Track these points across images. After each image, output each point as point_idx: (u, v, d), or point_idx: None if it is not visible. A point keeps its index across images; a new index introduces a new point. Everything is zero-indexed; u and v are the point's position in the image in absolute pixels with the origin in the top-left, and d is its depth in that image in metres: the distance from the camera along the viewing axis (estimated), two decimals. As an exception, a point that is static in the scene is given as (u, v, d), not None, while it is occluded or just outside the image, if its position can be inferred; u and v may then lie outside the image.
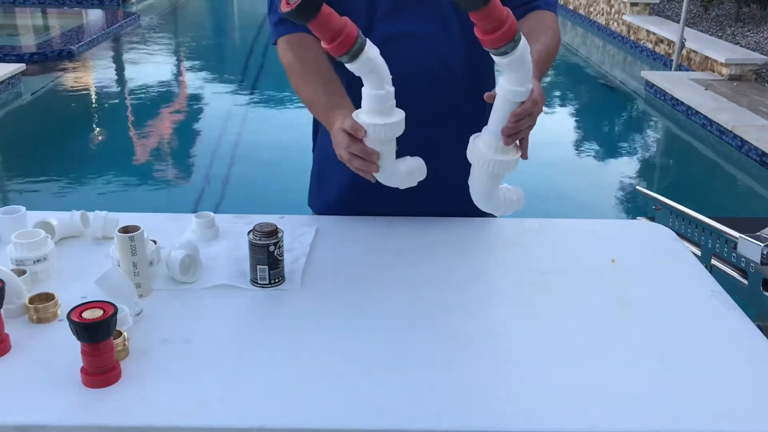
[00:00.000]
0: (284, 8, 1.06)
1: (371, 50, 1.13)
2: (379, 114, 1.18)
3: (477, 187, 1.29)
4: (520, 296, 1.30)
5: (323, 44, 1.11)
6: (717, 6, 8.91)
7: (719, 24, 8.55)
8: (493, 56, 1.11)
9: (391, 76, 1.17)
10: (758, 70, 6.60)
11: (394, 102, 1.20)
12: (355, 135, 1.20)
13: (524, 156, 1.24)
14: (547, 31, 1.38)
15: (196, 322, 1.19)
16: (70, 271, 1.34)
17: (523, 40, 1.09)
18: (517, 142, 1.23)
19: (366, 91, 1.18)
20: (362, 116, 1.20)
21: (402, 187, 1.29)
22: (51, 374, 1.04)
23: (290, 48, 1.40)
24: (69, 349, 1.05)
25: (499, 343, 1.16)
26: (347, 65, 1.14)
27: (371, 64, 1.14)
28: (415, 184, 1.30)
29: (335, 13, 1.09)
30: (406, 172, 1.28)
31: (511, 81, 1.15)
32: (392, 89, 1.18)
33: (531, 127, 1.21)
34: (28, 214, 1.45)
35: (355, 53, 1.11)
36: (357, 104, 1.23)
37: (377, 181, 1.29)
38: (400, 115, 1.21)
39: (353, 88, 1.24)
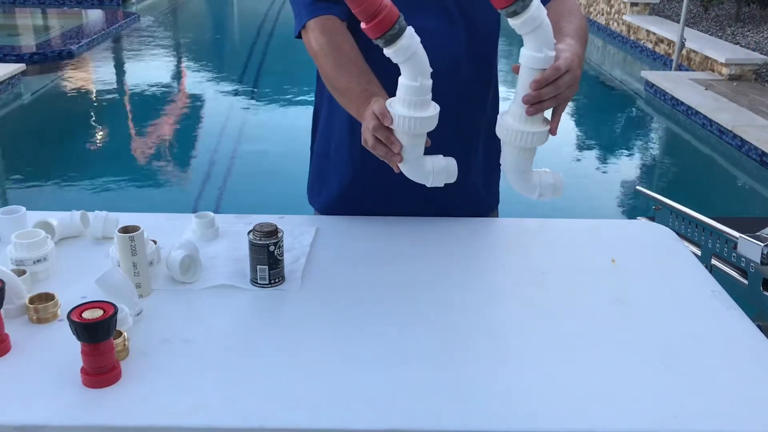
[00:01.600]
0: None
1: (410, 39, 1.11)
2: (410, 106, 1.16)
3: (507, 163, 1.24)
4: (520, 296, 1.30)
5: (362, 24, 1.09)
6: (717, 6, 8.91)
7: (719, 24, 8.55)
8: (509, 22, 1.09)
9: (430, 70, 1.15)
10: (758, 70, 6.60)
11: (429, 96, 1.17)
12: (382, 120, 1.18)
13: (553, 131, 1.20)
14: (574, 13, 1.37)
15: (196, 322, 1.19)
16: (70, 271, 1.34)
17: (537, 3, 1.07)
18: (548, 116, 1.20)
19: (401, 80, 1.16)
20: (394, 104, 1.18)
21: (428, 184, 1.25)
22: (51, 374, 1.04)
23: (324, 32, 1.36)
24: (69, 349, 1.05)
25: (499, 342, 1.16)
26: (384, 50, 1.12)
27: (407, 52, 1.11)
28: (441, 184, 1.26)
29: None
30: (430, 171, 1.24)
31: (529, 46, 1.12)
32: (429, 82, 1.15)
33: (557, 99, 1.16)
34: (28, 214, 1.45)
35: (391, 38, 1.09)
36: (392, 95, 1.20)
37: (381, 177, 1.27)
38: (433, 110, 1.18)
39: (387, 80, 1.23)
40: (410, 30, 1.11)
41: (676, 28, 7.10)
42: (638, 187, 2.98)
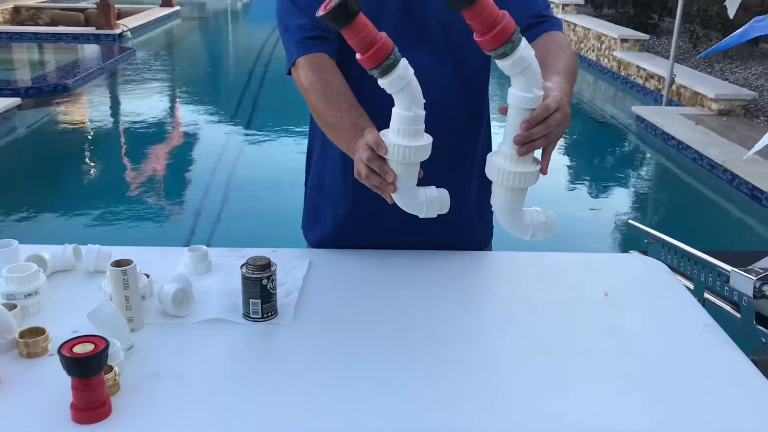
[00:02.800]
0: (320, 12, 1.07)
1: (404, 69, 1.13)
2: (404, 135, 1.17)
3: (498, 204, 1.23)
4: (513, 329, 1.30)
5: (357, 55, 1.11)
6: (705, 43, 9.05)
7: (708, 60, 8.68)
8: (497, 63, 1.10)
9: (423, 101, 1.17)
10: (747, 105, 6.68)
11: (422, 126, 1.18)
12: (376, 150, 1.19)
13: (543, 170, 1.20)
14: (563, 48, 1.38)
15: (188, 357, 1.18)
16: (61, 304, 1.33)
17: (524, 43, 1.08)
18: (538, 156, 1.20)
19: (395, 110, 1.17)
20: (388, 134, 1.19)
21: (421, 215, 1.26)
22: (40, 410, 1.03)
23: (313, 69, 1.37)
24: (59, 385, 1.04)
25: (493, 375, 1.16)
26: (379, 81, 1.14)
27: (402, 82, 1.13)
28: (434, 215, 1.26)
29: (372, 24, 1.10)
30: (423, 201, 1.24)
31: (518, 86, 1.13)
32: (422, 113, 1.17)
33: (548, 138, 1.16)
34: (20, 247, 1.44)
35: (387, 69, 1.11)
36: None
37: (375, 211, 1.27)
38: (426, 140, 1.19)
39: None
40: (404, 61, 1.13)
41: (666, 64, 7.20)
42: (630, 221, 2.99)
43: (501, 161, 1.18)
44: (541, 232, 1.26)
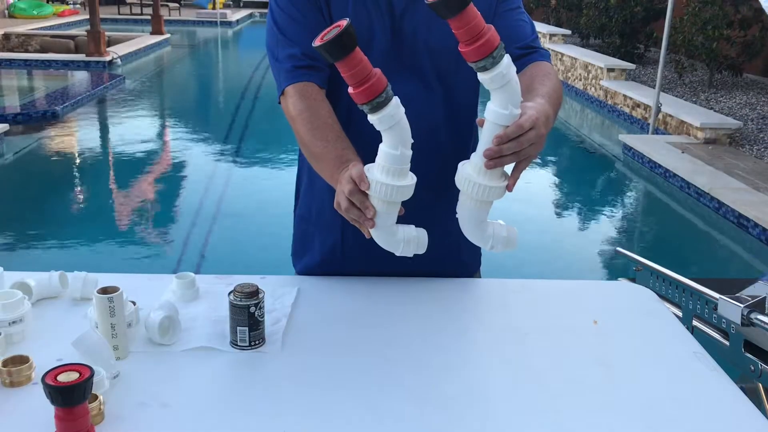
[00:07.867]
0: (317, 42, 1.08)
1: (395, 108, 1.13)
2: (388, 173, 1.17)
3: (462, 213, 1.25)
4: (502, 357, 1.30)
5: (349, 89, 1.12)
6: (690, 72, 9.18)
7: (693, 90, 8.79)
8: (479, 76, 1.11)
9: (411, 141, 1.17)
10: (732, 134, 6.76)
11: (407, 166, 1.19)
12: (359, 185, 1.19)
13: (509, 188, 1.21)
14: (549, 76, 1.40)
15: (174, 386, 1.17)
16: (46, 332, 1.31)
17: (507, 60, 1.09)
18: (508, 172, 1.21)
19: (381, 147, 1.18)
20: (372, 170, 1.19)
21: (397, 253, 1.26)
22: (22, 440, 1.01)
23: (301, 98, 1.38)
24: (42, 414, 1.03)
25: (481, 404, 1.15)
26: (369, 117, 1.14)
27: (392, 121, 1.13)
28: (410, 254, 1.27)
29: (367, 60, 1.10)
30: (401, 240, 1.25)
31: (495, 102, 1.14)
32: (409, 153, 1.17)
33: (518, 156, 1.17)
34: (5, 274, 1.43)
35: (378, 106, 1.11)
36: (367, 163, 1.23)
37: (362, 242, 1.27)
38: (410, 180, 1.19)
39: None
40: (396, 99, 1.14)
41: (652, 93, 7.28)
42: (618, 249, 3.00)
43: (470, 171, 1.20)
44: (501, 245, 1.27)
